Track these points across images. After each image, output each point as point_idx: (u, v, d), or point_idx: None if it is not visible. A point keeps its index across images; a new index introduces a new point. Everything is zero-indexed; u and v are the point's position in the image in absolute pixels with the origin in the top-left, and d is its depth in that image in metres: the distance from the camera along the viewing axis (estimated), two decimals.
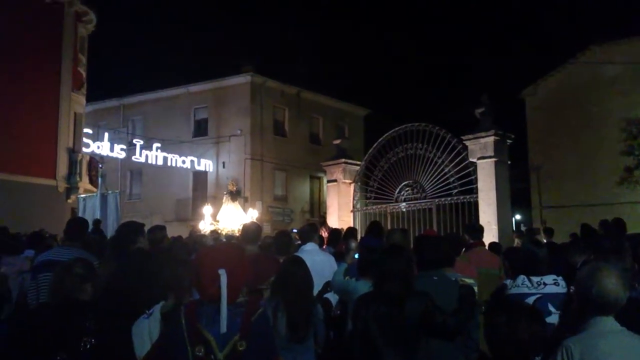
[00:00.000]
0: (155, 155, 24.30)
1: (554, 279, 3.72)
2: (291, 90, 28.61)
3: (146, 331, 3.32)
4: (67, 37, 20.33)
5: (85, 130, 21.62)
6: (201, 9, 52.34)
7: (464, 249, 6.55)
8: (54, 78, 19.69)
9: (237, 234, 11.90)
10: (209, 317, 2.57)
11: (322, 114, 30.34)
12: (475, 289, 4.42)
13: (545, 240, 9.65)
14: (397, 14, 57.36)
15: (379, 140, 15.20)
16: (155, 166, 25.11)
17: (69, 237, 5.32)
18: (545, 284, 3.68)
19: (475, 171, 13.16)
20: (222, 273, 2.54)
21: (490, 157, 12.94)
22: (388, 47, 56.16)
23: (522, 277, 3.73)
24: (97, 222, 12.70)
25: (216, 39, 48.26)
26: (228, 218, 14.23)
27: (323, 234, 9.66)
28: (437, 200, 13.75)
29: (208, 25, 51.06)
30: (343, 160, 16.24)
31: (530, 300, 3.62)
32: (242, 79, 27.09)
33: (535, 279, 3.69)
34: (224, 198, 14.90)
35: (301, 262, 4.24)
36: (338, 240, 7.64)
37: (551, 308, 3.64)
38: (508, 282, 3.91)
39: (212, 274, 2.56)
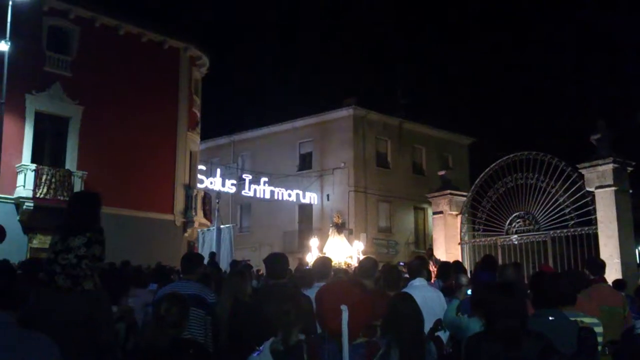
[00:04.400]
0: (263, 190, 25.19)
1: None
2: (393, 121, 28.70)
3: None
4: (183, 80, 21.83)
5: (199, 167, 22.86)
6: (303, 46, 54.24)
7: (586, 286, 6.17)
8: (171, 119, 21.16)
9: (344, 267, 11.99)
10: (331, 355, 2.61)
11: (425, 144, 30.08)
12: (600, 329, 4.16)
13: None
14: (502, 38, 56.09)
15: (486, 170, 14.81)
16: (263, 200, 25.97)
17: (184, 271, 5.48)
18: None
19: (593, 201, 12.49)
20: (344, 309, 2.58)
21: (609, 185, 12.26)
22: (492, 72, 54.88)
23: None
24: (212, 255, 13.35)
25: (319, 74, 49.66)
26: (334, 250, 14.40)
27: (431, 268, 9.50)
28: (551, 232, 13.15)
29: (311, 62, 52.71)
30: (449, 191, 15.97)
31: None
32: (344, 112, 27.58)
33: None
34: (330, 230, 15.14)
35: (410, 299, 4.18)
36: (448, 274, 7.44)
37: None
38: (637, 322, 3.63)
39: (334, 308, 2.60)
